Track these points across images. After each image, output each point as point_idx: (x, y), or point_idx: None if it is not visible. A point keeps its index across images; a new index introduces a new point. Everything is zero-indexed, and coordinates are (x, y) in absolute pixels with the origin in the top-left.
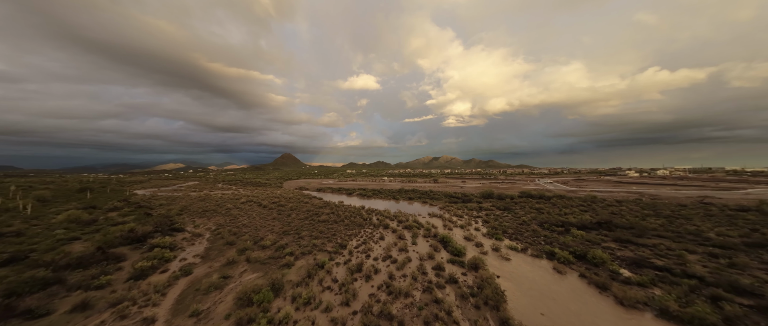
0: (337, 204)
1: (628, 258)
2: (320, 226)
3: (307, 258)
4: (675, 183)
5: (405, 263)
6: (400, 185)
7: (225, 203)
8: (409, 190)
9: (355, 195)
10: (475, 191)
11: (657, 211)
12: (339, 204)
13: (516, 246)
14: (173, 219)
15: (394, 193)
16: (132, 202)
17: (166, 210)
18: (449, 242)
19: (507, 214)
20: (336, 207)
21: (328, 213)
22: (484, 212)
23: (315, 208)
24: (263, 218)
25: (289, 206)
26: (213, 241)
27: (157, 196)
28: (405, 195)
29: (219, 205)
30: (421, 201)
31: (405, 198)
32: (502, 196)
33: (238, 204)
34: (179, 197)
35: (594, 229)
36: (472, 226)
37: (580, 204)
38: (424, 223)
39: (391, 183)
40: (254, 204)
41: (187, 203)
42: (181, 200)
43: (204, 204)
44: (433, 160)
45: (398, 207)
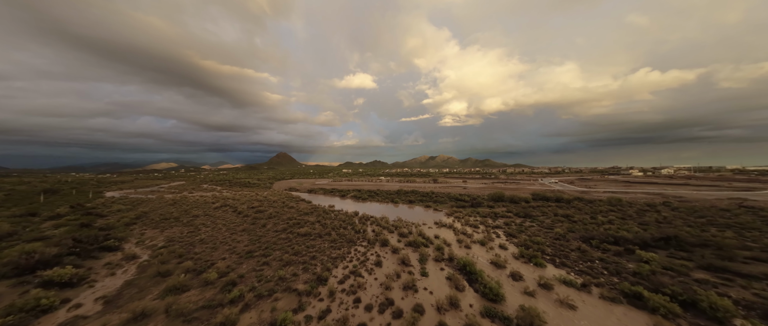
0: (326, 209)
1: (753, 305)
2: (298, 243)
3: (261, 307)
4: (687, 183)
5: (415, 320)
6: (398, 186)
7: (195, 208)
8: (409, 192)
9: (349, 197)
10: (480, 192)
11: (707, 219)
12: (329, 210)
13: (571, 279)
14: (112, 232)
15: (392, 195)
16: (86, 207)
17: (120, 218)
18: (475, 273)
19: (531, 223)
20: (324, 214)
21: (312, 223)
22: (501, 219)
23: (298, 215)
24: (231, 230)
25: (269, 212)
26: (144, 269)
27: (127, 199)
28: (404, 197)
29: (186, 211)
30: (424, 204)
31: (405, 201)
32: (514, 199)
33: (210, 210)
34: (150, 200)
35: (660, 248)
36: (495, 242)
37: (610, 210)
38: (433, 237)
39: (388, 183)
40: (229, 209)
41: (153, 208)
42: (149, 204)
43: (170, 209)
44: (429, 159)
45: (398, 212)
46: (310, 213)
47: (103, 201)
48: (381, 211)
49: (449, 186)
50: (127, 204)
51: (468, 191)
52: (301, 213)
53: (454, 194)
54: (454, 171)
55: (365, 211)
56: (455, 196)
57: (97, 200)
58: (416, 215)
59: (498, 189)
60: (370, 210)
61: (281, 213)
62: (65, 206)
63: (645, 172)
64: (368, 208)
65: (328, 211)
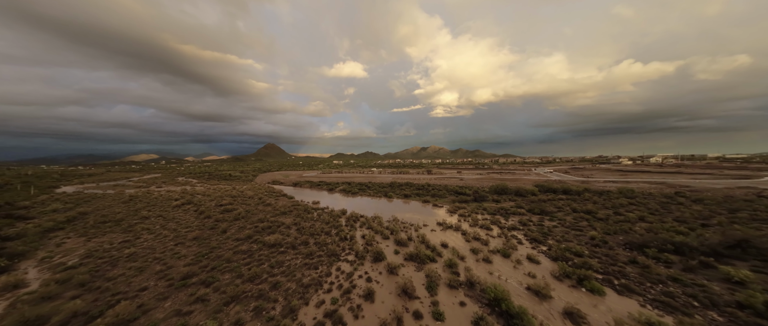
0: (309, 206)
1: None
2: (261, 259)
3: None
4: (680, 172)
5: None
6: (391, 178)
7: (151, 207)
8: (403, 184)
9: (337, 191)
10: (479, 184)
11: (750, 213)
12: (312, 207)
13: (654, 317)
14: (18, 242)
15: (385, 188)
16: (16, 206)
17: (46, 221)
18: (515, 314)
19: (551, 222)
20: (304, 214)
21: (287, 227)
22: (515, 218)
23: (273, 215)
24: (179, 238)
25: (238, 212)
26: (2, 316)
27: (77, 195)
28: (399, 190)
29: (136, 211)
30: (421, 199)
31: (399, 194)
32: (520, 191)
33: (168, 210)
34: (105, 196)
35: (734, 257)
36: (520, 252)
37: (631, 203)
38: (439, 246)
39: (380, 175)
40: (192, 208)
41: (99, 207)
42: (99, 201)
43: (119, 209)
44: (421, 150)
45: (392, 209)
46: (288, 213)
47: (46, 198)
48: (373, 208)
49: (444, 177)
50: (69, 203)
51: (466, 183)
52: (276, 213)
53: (451, 186)
54: (446, 161)
55: (355, 209)
56: (454, 189)
57: (42, 197)
58: (414, 212)
59: (496, 180)
60: (361, 206)
61: (253, 212)
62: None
63: (634, 161)
64: (358, 204)
65: (311, 210)
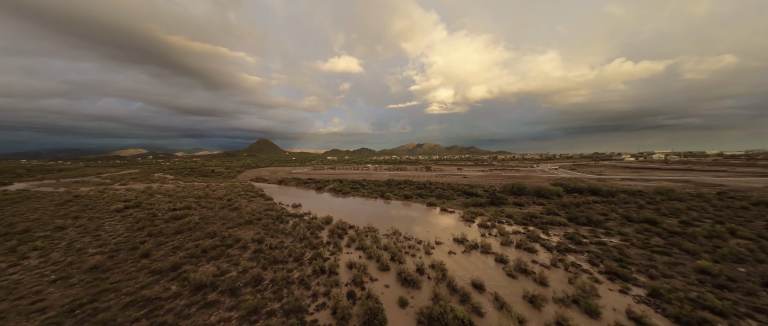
0: (286, 211)
1: None
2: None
3: None
4: (690, 168)
5: None
6: (387, 174)
7: (85, 211)
8: (401, 182)
9: (327, 189)
10: (485, 182)
11: None
12: (289, 213)
13: None
14: None
15: (381, 187)
16: None
17: None
18: None
19: (611, 238)
20: (275, 224)
21: (242, 247)
22: (557, 230)
23: (233, 226)
24: (72, 265)
25: (188, 220)
26: None
27: (23, 193)
28: (397, 189)
29: (62, 217)
30: (424, 200)
31: (398, 195)
32: (542, 192)
33: (102, 215)
34: (50, 195)
35: None
36: (612, 303)
37: (690, 208)
38: (468, 286)
39: (376, 172)
40: (134, 213)
41: (25, 209)
42: (33, 202)
43: (48, 213)
44: (417, 146)
45: (391, 216)
46: (254, 222)
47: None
48: (367, 213)
49: (445, 174)
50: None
51: (471, 181)
52: (239, 223)
53: (456, 185)
54: (443, 158)
55: (343, 214)
56: (461, 188)
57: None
58: (419, 220)
59: (503, 177)
60: (352, 211)
61: (210, 221)
62: None
63: (637, 157)
64: (349, 208)
65: (286, 217)
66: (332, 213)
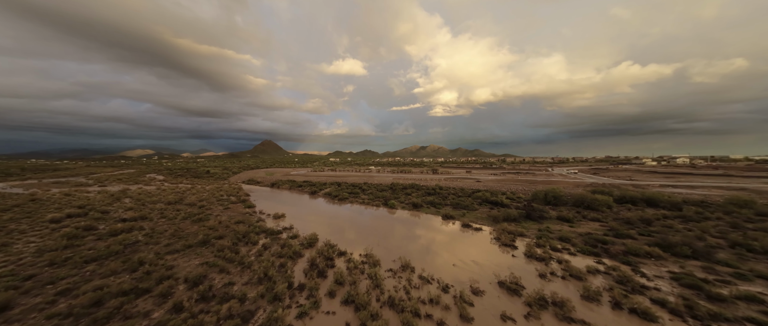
0: (263, 225)
1: None
2: None
3: None
4: (727, 174)
5: None
6: (391, 177)
7: (21, 219)
8: (407, 186)
9: (322, 194)
10: (503, 187)
11: None
12: (265, 228)
13: None
14: None
15: (384, 192)
16: None
17: None
18: None
19: (751, 285)
20: (236, 246)
21: (160, 296)
22: (653, 265)
23: (181, 250)
24: None
25: (129, 239)
26: None
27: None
28: (403, 195)
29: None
30: (437, 211)
31: (405, 202)
32: (586, 202)
33: (31, 226)
34: (10, 196)
35: None
36: None
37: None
38: None
39: (379, 174)
40: (73, 224)
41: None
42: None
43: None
44: (420, 149)
45: (395, 229)
46: (211, 243)
47: None
48: (366, 230)
49: (455, 178)
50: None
51: (486, 185)
52: (188, 244)
53: (471, 190)
54: (449, 160)
55: (334, 232)
56: (480, 196)
57: None
58: (437, 243)
59: (521, 182)
60: (346, 225)
61: (157, 236)
62: None
63: (659, 162)
64: (343, 220)
65: (257, 235)
66: (321, 227)
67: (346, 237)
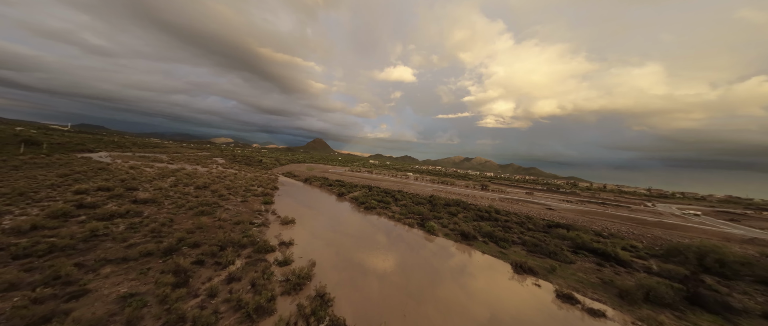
0: (254, 237)
1: None
2: None
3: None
4: None
5: None
6: (431, 187)
7: (64, 181)
8: (451, 202)
9: (349, 197)
10: (596, 224)
11: None
12: (253, 242)
13: None
14: None
15: (421, 205)
16: None
17: None
18: None
19: None
20: (164, 292)
21: None
22: None
23: (128, 262)
24: None
25: (65, 242)
26: None
27: (88, 158)
28: (446, 214)
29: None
30: (501, 252)
31: (449, 227)
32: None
33: (58, 192)
34: (91, 163)
35: None
36: None
37: None
38: None
39: (417, 182)
40: (95, 198)
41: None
42: (64, 168)
43: (40, 180)
44: (464, 160)
45: (435, 274)
46: (167, 255)
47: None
48: (390, 263)
49: (511, 198)
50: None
51: (562, 215)
52: (149, 253)
53: (544, 221)
54: (500, 176)
55: (340, 266)
56: (567, 235)
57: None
58: (511, 322)
59: (616, 219)
60: (362, 257)
61: (134, 228)
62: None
63: None
64: (362, 241)
65: (234, 255)
66: (327, 252)
67: (354, 281)
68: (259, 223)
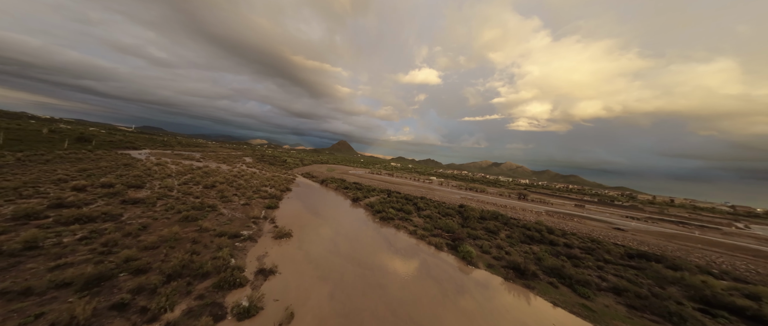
0: (225, 261)
1: None
2: None
3: None
4: None
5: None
6: (459, 194)
7: (82, 175)
8: (487, 215)
9: (364, 204)
10: (689, 252)
11: None
12: (228, 270)
13: None
14: None
15: (449, 217)
16: None
17: None
18: None
19: None
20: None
21: None
22: None
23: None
24: None
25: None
26: None
27: (126, 154)
28: (483, 232)
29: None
30: (584, 305)
31: (491, 253)
32: None
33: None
34: (122, 159)
35: None
36: None
37: None
38: None
39: (442, 187)
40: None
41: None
42: (96, 162)
43: (67, 170)
44: (493, 165)
45: None
46: (91, 286)
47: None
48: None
49: (560, 212)
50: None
51: (638, 237)
52: (67, 283)
53: (619, 247)
54: (537, 184)
55: (335, 322)
56: (670, 278)
57: (57, 152)
58: None
59: (715, 246)
60: (369, 303)
61: (89, 236)
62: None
63: None
64: (371, 276)
65: (180, 298)
66: (318, 290)
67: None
68: (246, 237)
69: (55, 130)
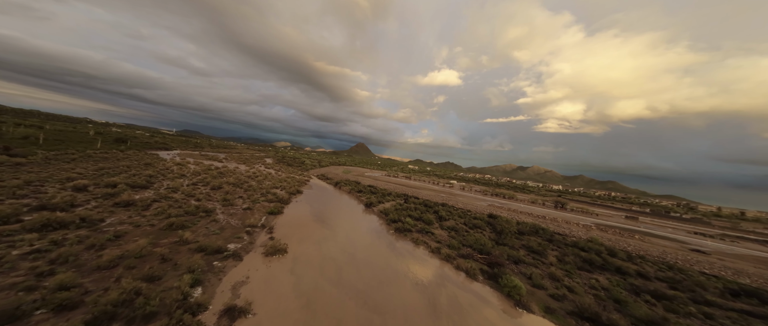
0: (198, 295)
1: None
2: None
3: None
4: None
5: None
6: (485, 202)
7: (99, 174)
8: (526, 229)
9: (378, 209)
10: None
11: None
12: (190, 309)
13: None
14: None
15: (479, 230)
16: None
17: None
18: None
19: None
20: None
21: None
22: None
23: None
24: None
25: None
26: None
27: (154, 154)
28: (526, 254)
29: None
30: None
31: (547, 295)
32: None
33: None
34: (145, 159)
35: None
36: None
37: None
38: None
39: (464, 193)
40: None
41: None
42: (123, 161)
43: (86, 169)
44: (518, 169)
45: None
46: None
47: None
48: None
49: (611, 226)
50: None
51: (731, 265)
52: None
53: (716, 279)
54: (572, 190)
55: None
56: None
57: (93, 150)
58: None
59: None
60: None
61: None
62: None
63: None
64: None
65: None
66: None
67: None
68: (231, 252)
69: (100, 132)
